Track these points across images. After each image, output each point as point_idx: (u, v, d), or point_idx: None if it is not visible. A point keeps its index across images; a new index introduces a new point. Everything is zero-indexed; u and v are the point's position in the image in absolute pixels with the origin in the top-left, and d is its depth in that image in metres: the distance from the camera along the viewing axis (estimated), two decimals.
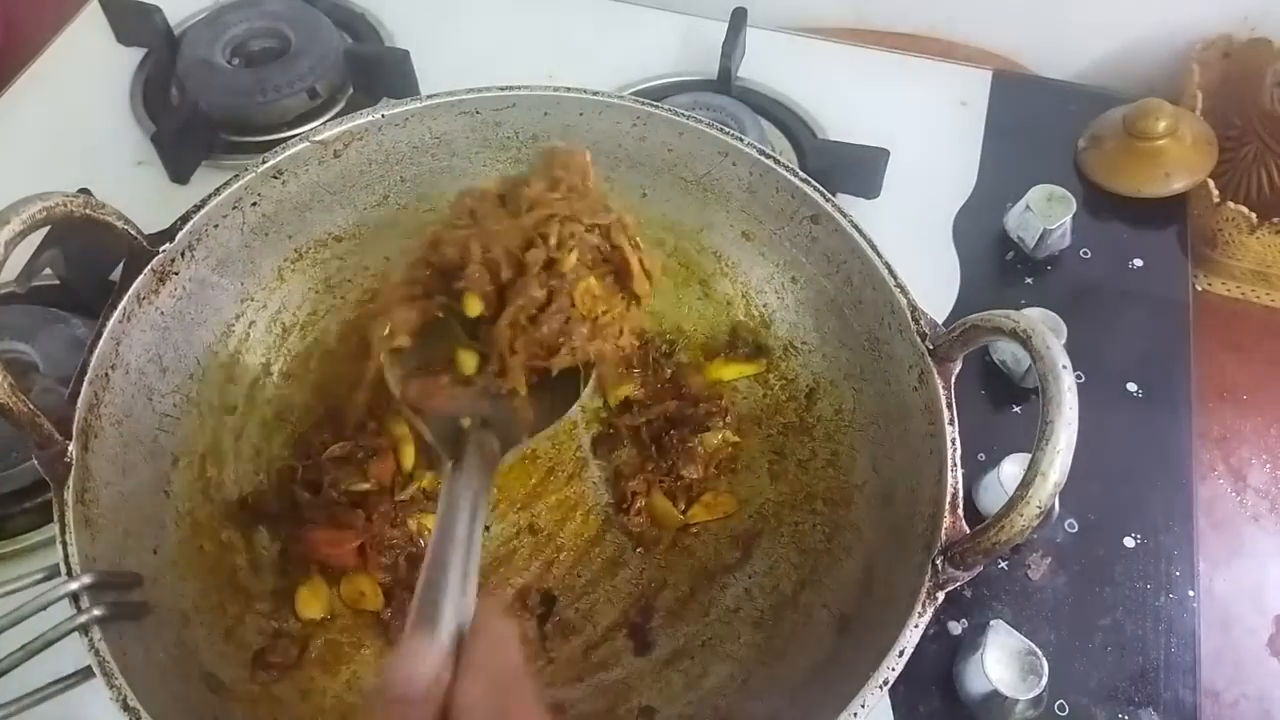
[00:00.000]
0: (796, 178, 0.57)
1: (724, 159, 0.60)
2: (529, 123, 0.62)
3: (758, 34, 0.84)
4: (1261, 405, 0.69)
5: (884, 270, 0.53)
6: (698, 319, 0.66)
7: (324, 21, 0.84)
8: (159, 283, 0.54)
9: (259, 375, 0.61)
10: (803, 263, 0.60)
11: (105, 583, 0.44)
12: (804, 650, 0.52)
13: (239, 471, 0.59)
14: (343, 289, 0.65)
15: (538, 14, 0.89)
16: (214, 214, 0.56)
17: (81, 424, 0.47)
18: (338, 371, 0.63)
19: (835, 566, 0.54)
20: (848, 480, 0.57)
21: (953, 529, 0.45)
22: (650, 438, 0.62)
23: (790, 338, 0.62)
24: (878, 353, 0.55)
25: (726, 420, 0.62)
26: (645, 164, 0.63)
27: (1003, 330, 0.44)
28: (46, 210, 0.44)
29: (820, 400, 0.60)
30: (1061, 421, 0.39)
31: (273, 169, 0.57)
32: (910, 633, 0.43)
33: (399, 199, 0.65)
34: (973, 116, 0.81)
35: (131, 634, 0.45)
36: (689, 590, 0.58)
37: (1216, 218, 0.73)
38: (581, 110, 0.61)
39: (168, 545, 0.52)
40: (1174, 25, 0.82)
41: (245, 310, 0.60)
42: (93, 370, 0.49)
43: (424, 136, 0.62)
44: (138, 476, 0.52)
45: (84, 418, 0.48)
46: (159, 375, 0.55)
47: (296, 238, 0.62)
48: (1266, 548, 0.63)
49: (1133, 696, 0.55)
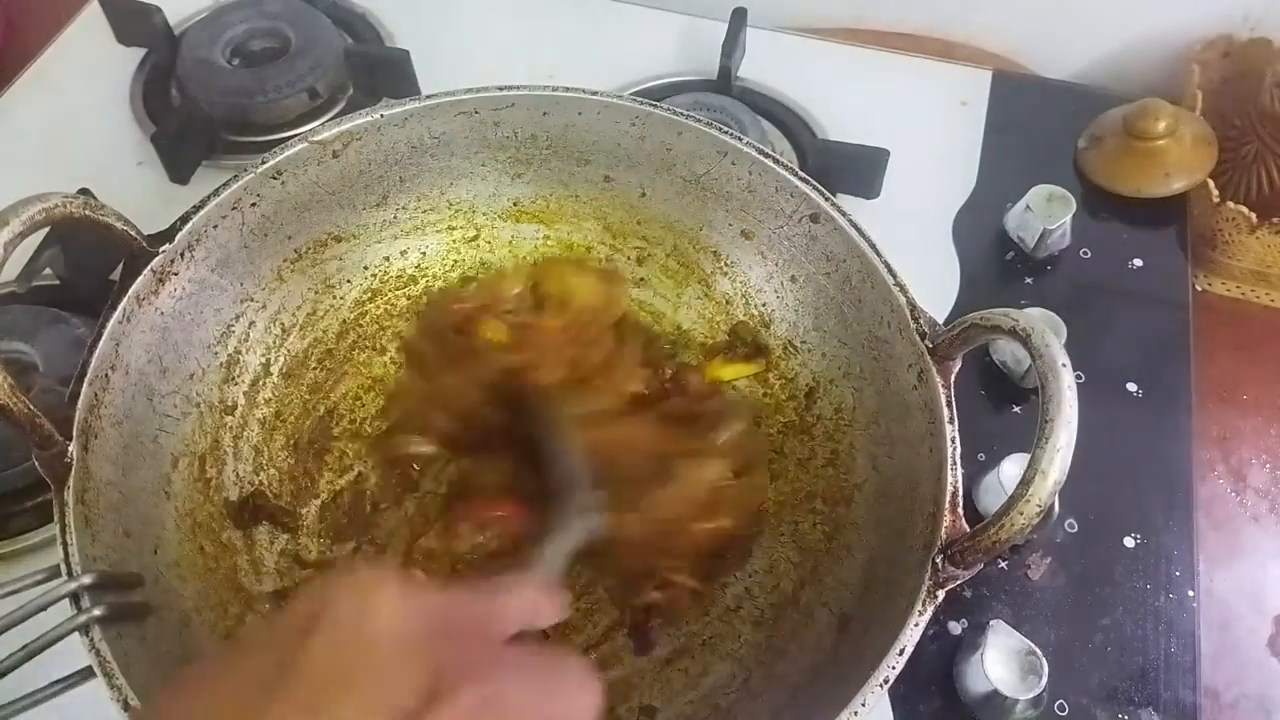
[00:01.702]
0: (796, 177, 0.58)
1: (723, 158, 0.60)
2: (528, 122, 0.62)
3: (758, 34, 0.84)
4: (1261, 405, 0.69)
5: (883, 269, 0.53)
6: (697, 318, 0.66)
7: (324, 21, 0.84)
8: (159, 283, 0.54)
9: (259, 375, 0.61)
10: (802, 262, 0.60)
11: (106, 583, 0.44)
12: (804, 649, 0.52)
13: (239, 472, 0.59)
14: (342, 289, 0.65)
15: (538, 14, 0.89)
16: (213, 214, 0.56)
17: (82, 424, 0.47)
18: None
19: (836, 565, 0.55)
20: (848, 479, 0.57)
21: (953, 528, 0.45)
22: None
23: (790, 337, 0.62)
24: (877, 352, 0.55)
25: (738, 415, 0.61)
26: (644, 163, 0.63)
27: (1002, 329, 0.44)
28: (46, 211, 0.44)
29: (820, 399, 0.60)
30: (1061, 420, 0.39)
31: (272, 169, 0.57)
32: (910, 631, 0.43)
33: (398, 199, 0.65)
34: (973, 116, 0.81)
35: (132, 634, 0.45)
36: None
37: (1216, 218, 0.73)
38: (580, 110, 0.61)
39: (168, 546, 0.52)
40: (1174, 25, 0.82)
41: (245, 310, 0.61)
42: (93, 371, 0.49)
43: (423, 137, 0.62)
44: (138, 477, 0.52)
45: (84, 418, 0.48)
46: (159, 376, 0.55)
47: (296, 238, 0.62)
48: (1266, 548, 0.63)
49: (1133, 696, 0.55)
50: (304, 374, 0.63)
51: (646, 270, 0.67)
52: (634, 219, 0.66)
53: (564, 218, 0.67)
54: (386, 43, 0.87)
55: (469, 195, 0.67)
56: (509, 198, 0.67)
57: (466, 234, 0.68)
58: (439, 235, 0.67)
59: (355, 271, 0.66)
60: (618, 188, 0.65)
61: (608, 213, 0.67)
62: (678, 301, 0.67)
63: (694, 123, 0.59)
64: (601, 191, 0.66)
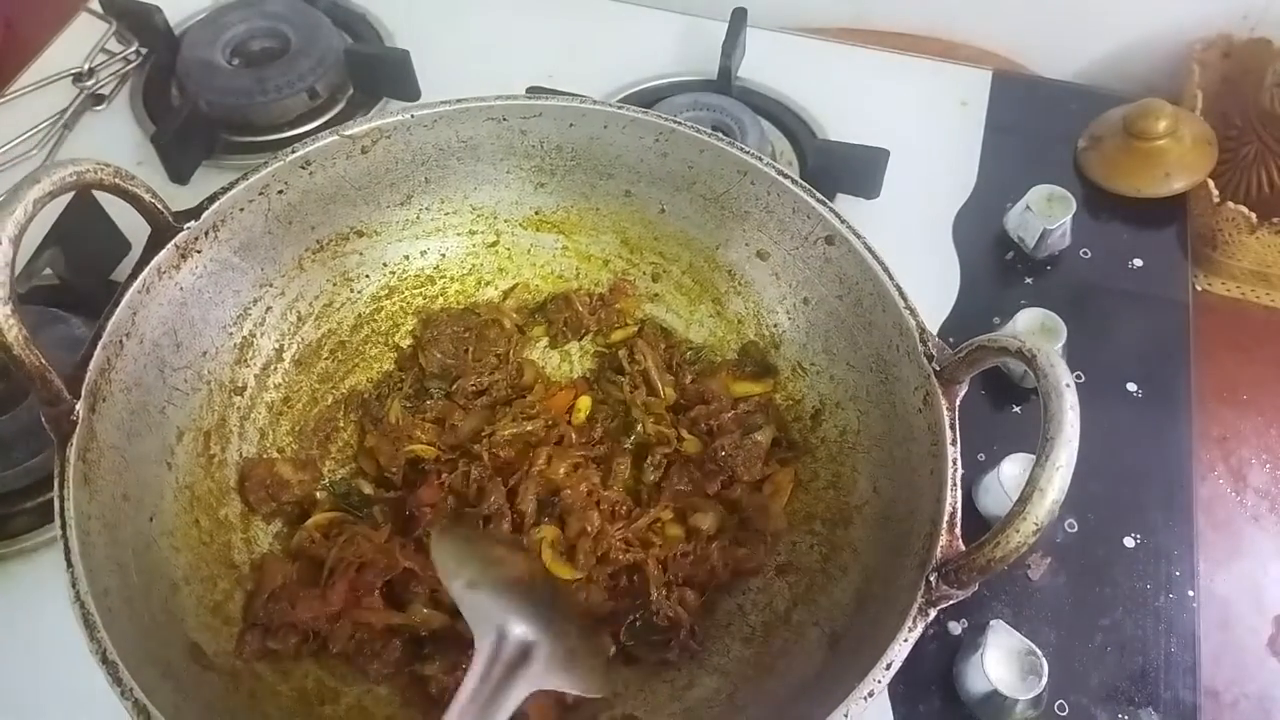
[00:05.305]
0: (813, 199, 0.58)
1: (743, 178, 0.60)
2: (554, 133, 0.63)
3: (758, 34, 0.84)
4: (1261, 405, 0.69)
5: (895, 293, 0.53)
6: (708, 336, 0.66)
7: (324, 21, 0.84)
8: (181, 259, 0.55)
9: (271, 360, 0.62)
10: (815, 283, 0.60)
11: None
12: (793, 667, 0.52)
13: (243, 452, 0.59)
14: (360, 283, 0.66)
15: (538, 14, 0.89)
16: (240, 197, 0.56)
17: (91, 385, 0.48)
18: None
19: (830, 585, 0.54)
20: (848, 501, 0.57)
21: (949, 547, 0.45)
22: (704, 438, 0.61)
23: (799, 359, 0.62)
24: (885, 375, 0.55)
25: (768, 417, 0.61)
26: (666, 180, 0.63)
27: (1009, 351, 0.44)
28: (77, 174, 0.45)
29: (825, 421, 0.60)
30: (1061, 439, 0.39)
31: (301, 159, 0.58)
32: (898, 647, 0.43)
33: (422, 200, 0.65)
34: (973, 116, 0.81)
35: (118, 593, 0.46)
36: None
37: (1216, 218, 0.73)
38: (606, 123, 0.62)
39: (165, 515, 0.53)
40: (1174, 25, 0.82)
41: (263, 295, 0.61)
42: (107, 335, 0.50)
43: (451, 140, 0.62)
44: (142, 445, 0.52)
45: (94, 380, 0.48)
46: (173, 349, 0.55)
47: (319, 229, 0.62)
48: (1266, 548, 0.63)
49: (1133, 696, 0.55)
50: (315, 363, 0.64)
51: (661, 286, 0.67)
52: (652, 234, 0.66)
53: (583, 229, 0.68)
54: (386, 43, 0.87)
55: (492, 201, 0.67)
56: (531, 206, 0.67)
57: (487, 239, 0.68)
58: (459, 238, 0.68)
59: (374, 267, 0.66)
60: (638, 202, 0.65)
61: (626, 227, 0.67)
62: (690, 319, 0.67)
63: (716, 141, 0.60)
64: (622, 205, 0.66)
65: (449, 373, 0.64)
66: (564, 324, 0.67)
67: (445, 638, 0.54)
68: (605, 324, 0.66)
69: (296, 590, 0.54)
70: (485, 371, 0.64)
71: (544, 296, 0.68)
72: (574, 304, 0.66)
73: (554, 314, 0.67)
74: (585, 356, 0.68)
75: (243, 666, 0.52)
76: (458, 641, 0.53)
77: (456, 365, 0.64)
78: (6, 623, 0.58)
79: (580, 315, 0.66)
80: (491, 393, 0.64)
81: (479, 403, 0.63)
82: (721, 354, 0.65)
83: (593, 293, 0.67)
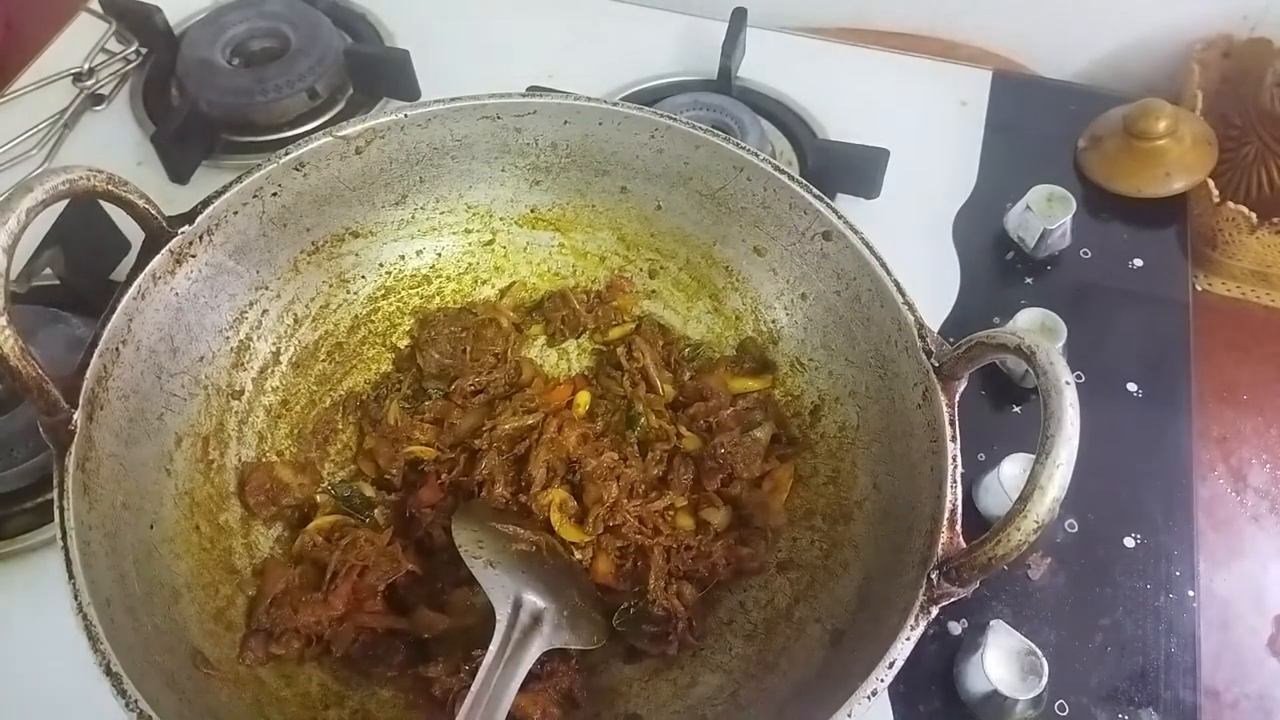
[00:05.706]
0: (810, 194, 0.57)
1: (739, 174, 0.60)
2: (549, 130, 0.63)
3: (758, 34, 0.84)
4: (1261, 405, 0.69)
5: (893, 288, 0.53)
6: (705, 332, 0.66)
7: (324, 21, 0.84)
8: (176, 264, 0.54)
9: (268, 363, 0.62)
10: (813, 279, 0.60)
11: None
12: (795, 664, 0.52)
13: (242, 456, 0.59)
14: (356, 284, 0.66)
15: (537, 14, 0.89)
16: (234, 201, 0.56)
17: (89, 394, 0.48)
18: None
19: (831, 582, 0.54)
20: (848, 497, 0.57)
21: (949, 544, 0.45)
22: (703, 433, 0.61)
23: (797, 354, 0.62)
24: (883, 370, 0.55)
25: (767, 413, 0.62)
26: (662, 176, 0.63)
27: (1007, 347, 0.44)
28: (70, 183, 0.45)
29: (825, 417, 0.60)
30: (1062, 437, 0.39)
31: (295, 161, 0.58)
32: (901, 645, 0.43)
33: (417, 199, 0.65)
34: (973, 116, 0.81)
35: (120, 602, 0.45)
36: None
37: (1216, 218, 0.73)
38: (601, 120, 0.61)
39: (165, 522, 0.53)
40: (1174, 25, 0.82)
41: (259, 298, 0.61)
42: (104, 343, 0.49)
43: (445, 139, 0.62)
44: (140, 451, 0.52)
45: (91, 388, 0.48)
46: (169, 355, 0.55)
47: (314, 230, 0.62)
48: (1266, 548, 0.63)
49: (1133, 696, 0.55)
50: (313, 365, 0.64)
51: (658, 283, 0.67)
52: (648, 231, 0.66)
53: (580, 227, 0.68)
54: (386, 43, 0.87)
55: (487, 199, 0.67)
56: (527, 204, 0.67)
57: (483, 237, 0.68)
58: (455, 237, 0.67)
59: (370, 268, 0.66)
60: (634, 199, 0.65)
61: (623, 224, 0.67)
62: (688, 315, 0.67)
63: (712, 137, 0.59)
64: (618, 202, 0.66)
65: (447, 373, 0.64)
66: (561, 322, 0.67)
67: (448, 640, 0.54)
68: (603, 321, 0.66)
69: (299, 594, 0.54)
70: (483, 371, 0.64)
71: (541, 294, 0.68)
72: (571, 302, 0.66)
73: (551, 312, 0.67)
74: (583, 354, 0.68)
75: (246, 672, 0.52)
76: (461, 643, 0.53)
77: (454, 365, 0.64)
78: (6, 622, 0.58)
79: (578, 313, 0.66)
80: (489, 391, 0.64)
81: (477, 400, 0.63)
82: (720, 350, 0.65)
83: (590, 290, 0.67)
